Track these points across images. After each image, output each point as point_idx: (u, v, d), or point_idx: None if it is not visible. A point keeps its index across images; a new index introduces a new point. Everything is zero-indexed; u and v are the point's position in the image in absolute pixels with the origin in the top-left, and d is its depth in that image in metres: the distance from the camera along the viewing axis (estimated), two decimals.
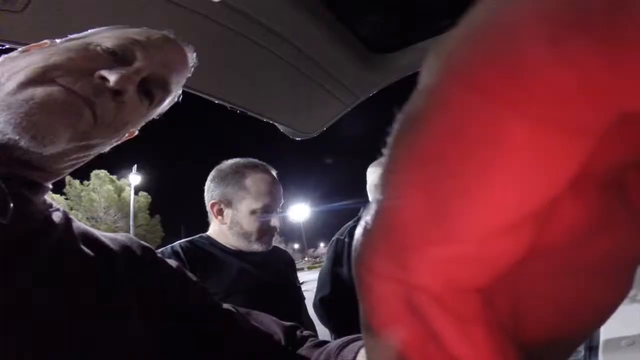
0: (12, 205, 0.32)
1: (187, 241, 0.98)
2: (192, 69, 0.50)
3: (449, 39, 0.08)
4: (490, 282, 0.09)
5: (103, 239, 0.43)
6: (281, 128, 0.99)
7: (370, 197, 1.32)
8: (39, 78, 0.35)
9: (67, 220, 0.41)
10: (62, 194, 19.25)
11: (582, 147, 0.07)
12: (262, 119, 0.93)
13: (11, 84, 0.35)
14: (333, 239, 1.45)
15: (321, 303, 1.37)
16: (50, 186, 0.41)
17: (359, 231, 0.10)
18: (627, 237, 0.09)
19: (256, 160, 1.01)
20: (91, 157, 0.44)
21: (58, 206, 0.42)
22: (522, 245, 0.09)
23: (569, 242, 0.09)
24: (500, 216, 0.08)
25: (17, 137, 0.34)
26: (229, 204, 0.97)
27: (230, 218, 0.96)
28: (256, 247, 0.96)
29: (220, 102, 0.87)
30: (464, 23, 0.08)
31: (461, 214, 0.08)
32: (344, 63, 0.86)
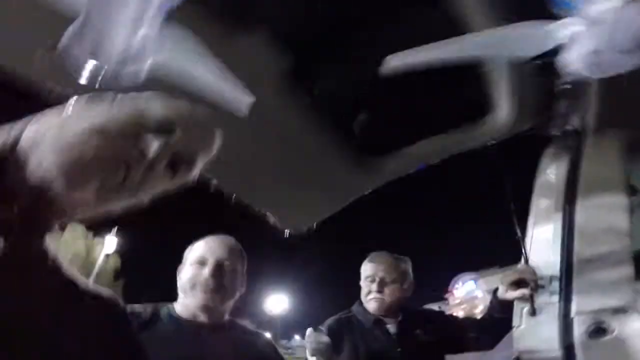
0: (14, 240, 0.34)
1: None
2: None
3: None
4: None
5: (85, 291, 0.44)
6: (272, 220, 1.01)
7: (362, 287, 1.30)
8: (96, 132, 0.39)
9: (56, 264, 0.43)
10: None
11: None
12: (255, 210, 0.96)
13: (74, 130, 0.38)
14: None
15: None
16: (57, 227, 0.42)
17: None
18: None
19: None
20: (102, 213, 0.44)
21: (52, 248, 0.43)
22: None
23: None
24: None
25: (55, 177, 0.37)
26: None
27: None
28: (190, 299, 0.93)
29: (218, 188, 0.91)
30: None
31: None
32: (338, 166, 0.94)
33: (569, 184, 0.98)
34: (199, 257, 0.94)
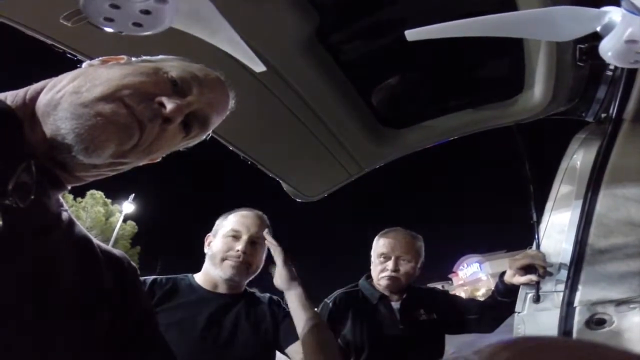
0: (33, 197, 0.34)
1: None
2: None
3: None
4: None
5: (98, 250, 0.45)
6: (285, 186, 1.01)
7: (373, 262, 1.28)
8: (112, 95, 0.39)
9: (71, 222, 0.43)
10: None
11: None
12: (268, 174, 0.96)
13: (88, 96, 0.38)
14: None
15: None
16: (69, 188, 0.43)
17: None
18: None
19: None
20: (114, 173, 0.46)
21: (67, 207, 0.44)
22: None
23: None
24: None
25: (72, 144, 0.37)
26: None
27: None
28: (218, 271, 0.95)
29: (235, 150, 0.92)
30: None
31: None
32: (355, 134, 0.91)
33: (594, 172, 0.94)
34: (232, 231, 0.96)
